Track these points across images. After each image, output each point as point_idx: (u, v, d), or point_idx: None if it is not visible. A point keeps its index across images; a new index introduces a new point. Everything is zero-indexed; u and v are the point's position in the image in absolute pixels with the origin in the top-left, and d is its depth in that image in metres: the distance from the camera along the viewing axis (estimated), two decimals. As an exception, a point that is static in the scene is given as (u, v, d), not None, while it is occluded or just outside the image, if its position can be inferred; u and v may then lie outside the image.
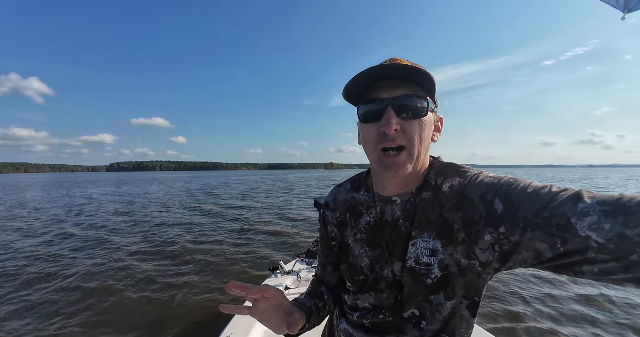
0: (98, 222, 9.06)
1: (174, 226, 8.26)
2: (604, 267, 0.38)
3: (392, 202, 0.62)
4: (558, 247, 0.41)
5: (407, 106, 0.52)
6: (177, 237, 6.92)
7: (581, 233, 0.38)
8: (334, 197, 0.74)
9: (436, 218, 0.56)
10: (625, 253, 0.36)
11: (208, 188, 24.60)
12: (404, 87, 0.52)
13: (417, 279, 0.57)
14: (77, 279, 4.34)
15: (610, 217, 0.37)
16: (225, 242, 6.43)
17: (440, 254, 0.55)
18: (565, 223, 0.40)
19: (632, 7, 2.14)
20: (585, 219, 0.38)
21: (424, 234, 0.57)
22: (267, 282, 2.44)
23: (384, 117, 0.52)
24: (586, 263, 0.39)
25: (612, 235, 0.36)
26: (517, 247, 0.46)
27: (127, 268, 4.78)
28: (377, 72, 0.52)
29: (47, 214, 10.96)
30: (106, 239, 6.86)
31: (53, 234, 7.42)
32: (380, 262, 0.62)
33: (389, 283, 0.61)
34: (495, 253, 0.50)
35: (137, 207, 12.45)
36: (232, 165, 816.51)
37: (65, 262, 5.16)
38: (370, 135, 0.55)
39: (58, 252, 5.75)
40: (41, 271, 4.69)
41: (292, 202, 13.17)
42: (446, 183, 0.57)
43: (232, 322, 1.81)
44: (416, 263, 0.56)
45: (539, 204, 0.43)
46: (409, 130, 0.52)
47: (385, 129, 0.51)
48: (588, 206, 0.38)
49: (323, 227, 0.75)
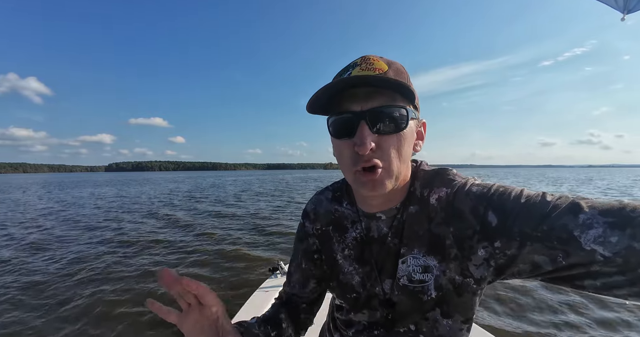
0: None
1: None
2: (608, 281, 0.36)
3: (377, 219, 0.58)
4: (560, 260, 0.39)
5: (383, 119, 0.46)
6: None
7: (586, 247, 0.36)
8: (314, 207, 0.68)
9: (424, 233, 0.53)
10: (633, 267, 0.34)
11: (194, 191, 22.34)
12: (379, 96, 0.46)
13: (413, 297, 0.54)
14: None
15: (617, 230, 0.35)
16: (224, 243, 6.32)
17: (436, 270, 0.52)
18: (567, 236, 0.37)
19: (632, 8, 2.20)
20: (589, 232, 0.36)
21: (414, 250, 0.54)
22: (267, 283, 2.40)
23: (358, 134, 0.46)
24: (589, 277, 0.38)
25: (619, 248, 0.34)
26: (513, 260, 0.44)
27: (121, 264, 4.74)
28: (343, 84, 0.46)
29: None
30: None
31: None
32: (371, 280, 0.59)
33: (380, 301, 0.58)
34: (490, 268, 0.48)
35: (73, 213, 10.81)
36: (232, 166, 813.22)
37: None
38: (344, 152, 0.50)
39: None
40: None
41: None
42: (433, 195, 0.54)
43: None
44: (409, 281, 0.54)
45: (537, 216, 0.40)
46: (386, 147, 0.47)
47: (359, 149, 0.46)
48: (590, 218, 0.37)
49: (303, 239, 0.69)
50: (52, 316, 3.30)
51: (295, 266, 0.71)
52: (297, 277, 0.70)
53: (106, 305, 3.48)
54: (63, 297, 3.75)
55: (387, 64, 0.48)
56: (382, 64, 0.47)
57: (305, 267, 0.69)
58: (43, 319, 3.24)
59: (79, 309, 3.41)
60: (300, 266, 0.70)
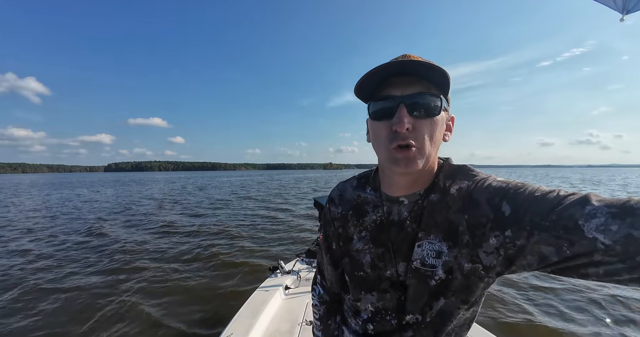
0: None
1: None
2: (609, 269, 0.38)
3: (399, 203, 0.61)
4: (565, 250, 0.40)
5: (419, 104, 0.51)
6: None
7: (588, 235, 0.38)
8: (339, 194, 0.72)
9: (443, 220, 0.55)
10: (632, 254, 0.36)
11: (177, 192, 20.95)
12: (417, 85, 0.51)
13: (422, 281, 0.57)
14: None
15: (617, 219, 0.36)
16: (224, 242, 6.38)
17: (445, 256, 0.54)
18: (572, 225, 0.39)
19: (631, 8, 2.04)
20: (592, 221, 0.38)
21: (431, 236, 0.56)
22: (267, 282, 2.44)
23: (396, 115, 0.51)
24: (592, 265, 0.39)
25: (619, 236, 0.36)
26: (522, 251, 0.45)
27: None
28: (390, 69, 0.50)
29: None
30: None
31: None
32: (384, 261, 0.61)
33: (392, 283, 0.60)
34: (499, 257, 0.49)
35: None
36: (231, 166, 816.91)
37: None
38: (382, 133, 0.54)
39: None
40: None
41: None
42: (454, 186, 0.56)
43: (233, 323, 1.82)
44: (422, 264, 0.57)
45: (547, 206, 0.42)
46: (421, 129, 0.51)
47: (397, 127, 0.50)
48: (596, 208, 0.38)
49: (330, 223, 0.73)
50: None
51: (326, 248, 0.76)
52: (329, 261, 0.75)
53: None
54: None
55: (425, 61, 0.51)
56: (421, 60, 0.50)
57: (336, 248, 0.73)
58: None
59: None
60: (330, 248, 0.75)
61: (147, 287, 4.02)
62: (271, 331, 1.85)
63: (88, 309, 3.42)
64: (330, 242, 0.75)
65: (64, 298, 3.71)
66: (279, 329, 1.87)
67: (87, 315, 3.28)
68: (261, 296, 2.17)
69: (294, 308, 2.11)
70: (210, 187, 26.23)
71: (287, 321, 1.96)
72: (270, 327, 1.89)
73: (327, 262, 0.76)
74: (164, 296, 3.75)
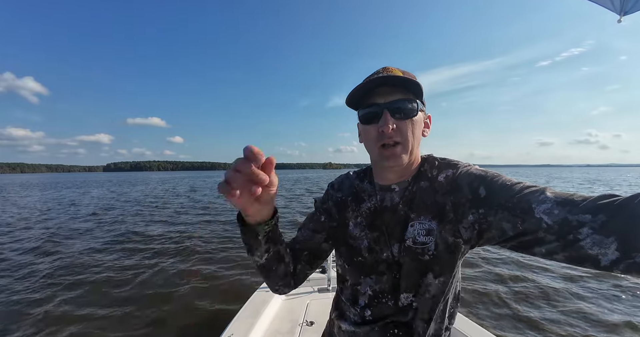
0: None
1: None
2: (549, 247, 0.47)
3: (391, 190, 0.69)
4: (518, 226, 0.50)
5: (400, 109, 0.61)
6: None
7: (537, 215, 0.48)
8: (340, 181, 0.81)
9: (432, 203, 0.63)
10: (564, 233, 0.45)
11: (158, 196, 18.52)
12: (397, 93, 0.61)
13: (414, 258, 0.63)
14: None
15: (560, 206, 0.47)
16: (223, 243, 6.31)
17: (436, 232, 0.62)
18: (527, 207, 0.49)
19: (629, 9, 2.04)
20: (542, 206, 0.48)
21: (421, 217, 0.63)
22: None
23: (382, 119, 0.60)
24: (537, 244, 0.49)
25: (558, 219, 0.46)
26: (490, 226, 0.55)
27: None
28: (375, 82, 0.61)
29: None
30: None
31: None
32: (379, 244, 0.67)
33: (389, 264, 0.66)
34: (474, 231, 0.59)
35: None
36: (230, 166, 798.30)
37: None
38: (371, 134, 0.64)
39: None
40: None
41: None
42: (441, 174, 0.65)
43: (233, 323, 1.82)
44: (413, 243, 0.63)
45: (512, 192, 0.53)
46: (403, 129, 0.61)
47: (383, 128, 0.60)
48: (546, 197, 0.49)
49: (325, 201, 0.80)
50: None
51: (310, 217, 0.80)
52: (308, 225, 0.78)
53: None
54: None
55: (401, 72, 0.63)
56: (398, 71, 0.63)
57: (318, 218, 0.78)
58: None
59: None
60: (314, 216, 0.79)
61: (147, 287, 4.03)
62: (271, 331, 1.86)
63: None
64: (316, 212, 0.79)
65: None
66: (279, 329, 1.87)
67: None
68: (261, 296, 2.16)
69: (294, 308, 2.11)
70: (202, 189, 25.28)
71: (288, 321, 1.96)
72: (271, 327, 1.89)
73: (306, 228, 0.78)
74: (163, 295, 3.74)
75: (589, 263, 0.44)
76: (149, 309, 3.45)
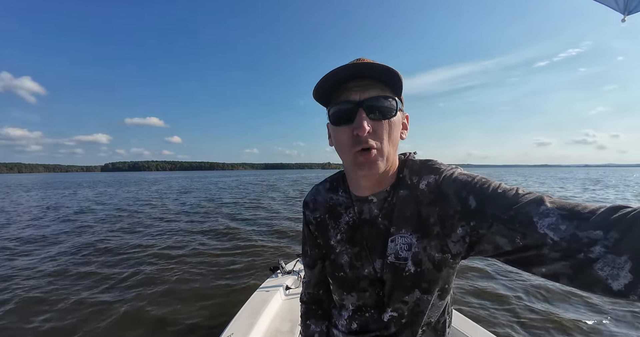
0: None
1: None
2: (553, 268, 0.42)
3: (368, 202, 0.63)
4: (517, 241, 0.45)
5: (377, 107, 0.53)
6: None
7: (540, 231, 0.42)
8: (313, 198, 0.74)
9: (413, 214, 0.58)
10: (573, 251, 0.39)
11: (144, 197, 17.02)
12: (373, 89, 0.53)
13: (397, 274, 0.59)
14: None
15: (566, 220, 0.41)
16: (225, 243, 6.32)
17: (415, 247, 0.57)
18: (528, 221, 0.44)
19: (633, 9, 2.04)
20: (545, 219, 0.42)
21: (402, 230, 0.59)
22: (268, 282, 2.43)
23: (357, 119, 0.52)
24: (538, 261, 0.43)
25: (565, 234, 0.40)
26: (482, 239, 0.50)
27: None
28: (348, 71, 0.51)
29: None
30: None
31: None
32: (361, 260, 0.63)
33: (371, 281, 0.62)
34: (465, 245, 0.54)
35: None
36: (229, 165, 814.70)
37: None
38: (343, 137, 0.55)
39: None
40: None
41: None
42: (422, 181, 0.59)
43: (233, 323, 1.82)
44: (396, 258, 0.59)
45: (507, 202, 0.47)
46: (379, 131, 0.53)
47: (358, 131, 0.51)
48: (549, 209, 0.43)
49: (306, 227, 0.76)
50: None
51: (305, 252, 0.79)
52: (305, 261, 0.79)
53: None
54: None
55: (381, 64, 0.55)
56: (377, 63, 0.53)
57: (312, 252, 0.76)
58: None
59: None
60: (308, 251, 0.78)
61: (146, 288, 4.01)
62: (272, 331, 1.85)
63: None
64: (308, 244, 0.77)
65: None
66: (279, 329, 1.87)
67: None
68: (262, 296, 2.16)
69: (294, 308, 2.10)
70: (195, 190, 23.90)
71: (288, 321, 1.96)
72: (271, 327, 1.89)
73: (304, 263, 0.80)
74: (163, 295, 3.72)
75: (599, 288, 0.37)
76: (147, 307, 3.42)
